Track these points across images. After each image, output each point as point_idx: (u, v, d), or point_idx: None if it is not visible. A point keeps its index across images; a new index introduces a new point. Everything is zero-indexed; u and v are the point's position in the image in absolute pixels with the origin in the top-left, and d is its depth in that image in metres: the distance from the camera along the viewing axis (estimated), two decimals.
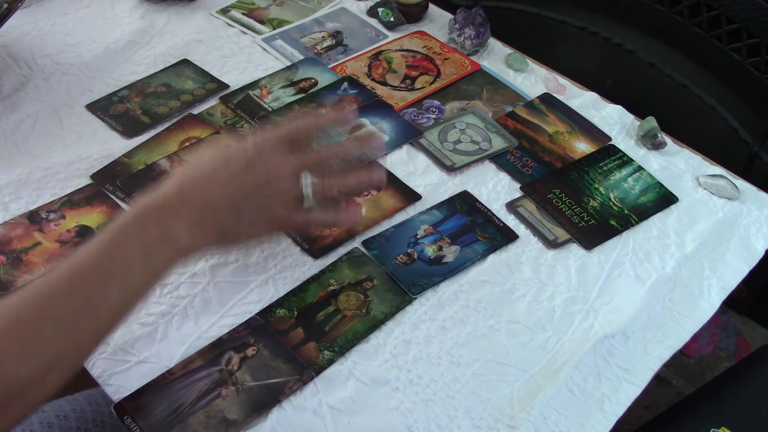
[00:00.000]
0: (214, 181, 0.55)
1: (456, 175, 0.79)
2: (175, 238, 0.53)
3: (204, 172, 0.56)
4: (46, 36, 0.91)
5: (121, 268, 0.50)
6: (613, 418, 0.60)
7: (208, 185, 0.55)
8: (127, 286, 0.51)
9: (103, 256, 0.50)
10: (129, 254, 0.51)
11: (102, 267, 0.50)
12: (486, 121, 0.84)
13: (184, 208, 0.54)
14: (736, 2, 0.99)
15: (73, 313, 0.48)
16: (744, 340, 1.41)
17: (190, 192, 0.54)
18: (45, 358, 0.47)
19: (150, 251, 0.52)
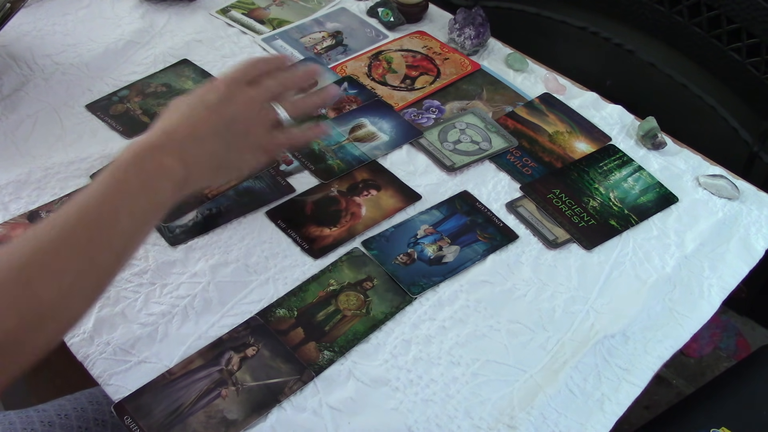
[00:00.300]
0: (195, 117, 0.59)
1: (456, 175, 0.79)
2: (170, 170, 0.56)
3: (183, 112, 0.60)
4: (46, 36, 0.91)
5: (126, 200, 0.53)
6: (613, 418, 0.60)
7: (189, 121, 0.59)
8: (135, 215, 0.53)
9: (108, 191, 0.53)
10: (132, 187, 0.54)
11: (109, 200, 0.53)
12: (486, 121, 0.84)
13: (171, 143, 0.57)
14: (736, 2, 0.99)
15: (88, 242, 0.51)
16: (744, 340, 1.41)
17: (174, 129, 0.58)
18: (67, 280, 0.49)
19: (150, 183, 0.55)
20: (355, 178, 0.77)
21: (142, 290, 0.65)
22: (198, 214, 0.71)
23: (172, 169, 0.56)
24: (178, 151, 0.57)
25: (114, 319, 0.62)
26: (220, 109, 0.60)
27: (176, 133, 0.58)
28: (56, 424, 0.70)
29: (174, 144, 0.57)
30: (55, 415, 0.71)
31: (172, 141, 0.57)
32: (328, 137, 0.80)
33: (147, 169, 0.55)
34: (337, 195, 0.75)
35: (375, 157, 0.79)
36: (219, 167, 0.61)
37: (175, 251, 0.68)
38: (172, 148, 0.57)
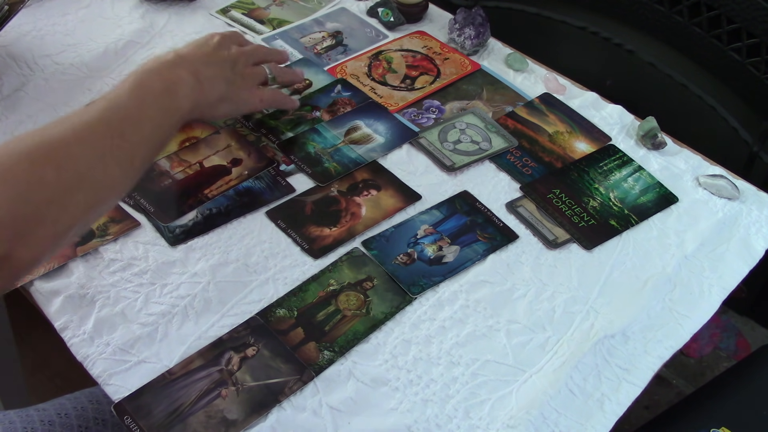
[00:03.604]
0: (202, 49, 0.70)
1: (456, 175, 0.79)
2: (185, 80, 0.64)
3: (191, 44, 0.70)
4: (46, 36, 0.91)
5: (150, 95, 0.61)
6: (613, 418, 0.60)
7: (198, 51, 0.69)
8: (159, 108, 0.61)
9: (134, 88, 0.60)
10: (155, 87, 0.62)
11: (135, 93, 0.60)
12: (486, 121, 0.84)
13: (184, 61, 0.66)
14: (736, 2, 0.99)
15: (120, 121, 0.57)
16: (744, 340, 1.41)
17: (186, 53, 0.67)
18: (101, 148, 0.55)
19: (170, 87, 0.63)
20: (355, 178, 0.77)
21: (142, 290, 0.65)
22: (198, 214, 0.71)
23: (187, 80, 0.64)
24: (191, 68, 0.66)
25: (114, 319, 0.62)
26: (221, 50, 0.71)
27: (188, 56, 0.67)
28: (56, 423, 0.70)
29: (186, 62, 0.66)
30: (55, 414, 0.71)
31: (185, 61, 0.66)
32: (324, 140, 0.80)
33: (166, 76, 0.63)
34: (337, 195, 0.75)
35: (371, 159, 0.79)
36: (223, 97, 0.69)
37: (175, 251, 0.68)
38: (186, 65, 0.66)
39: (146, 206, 0.71)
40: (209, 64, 0.68)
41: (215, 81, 0.68)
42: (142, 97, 0.60)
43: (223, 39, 0.73)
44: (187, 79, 0.64)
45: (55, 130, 0.54)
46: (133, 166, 0.58)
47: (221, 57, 0.70)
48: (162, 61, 0.65)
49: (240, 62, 0.73)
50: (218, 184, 0.74)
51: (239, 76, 0.72)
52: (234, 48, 0.73)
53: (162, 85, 0.62)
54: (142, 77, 0.62)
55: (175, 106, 0.63)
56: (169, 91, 0.62)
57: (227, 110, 0.72)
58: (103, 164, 0.55)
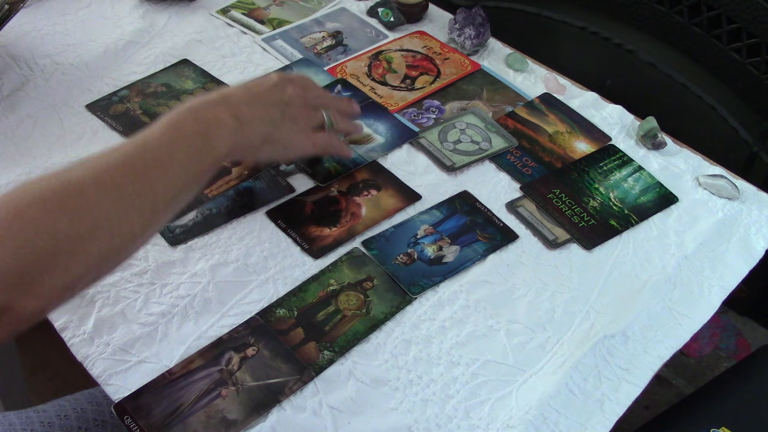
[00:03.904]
0: (251, 90, 0.65)
1: (456, 175, 0.79)
2: (224, 122, 0.59)
3: (239, 86, 0.66)
4: (46, 36, 0.91)
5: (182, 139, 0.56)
6: (613, 418, 0.60)
7: (245, 91, 0.64)
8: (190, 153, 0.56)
9: (165, 130, 0.56)
10: (188, 129, 0.57)
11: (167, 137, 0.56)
12: (486, 121, 0.84)
13: (227, 102, 0.61)
14: (736, 2, 0.99)
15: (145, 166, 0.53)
16: (744, 340, 1.41)
17: (231, 94, 0.63)
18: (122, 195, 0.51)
19: (205, 130, 0.58)
20: (355, 178, 0.77)
21: (142, 290, 0.65)
22: (198, 214, 0.71)
23: (225, 122, 0.60)
24: (233, 109, 0.61)
25: (114, 319, 0.62)
26: (274, 90, 0.67)
27: (233, 97, 0.63)
28: (56, 424, 0.70)
29: (229, 104, 0.61)
30: (54, 415, 0.71)
31: (227, 101, 0.62)
32: None
33: (202, 117, 0.59)
34: (337, 195, 0.75)
35: (371, 159, 0.78)
36: (267, 139, 0.64)
37: (175, 251, 0.68)
38: (227, 106, 0.61)
39: None
40: (254, 105, 0.63)
41: (259, 123, 0.63)
42: (173, 139, 0.56)
43: (280, 79, 0.68)
44: (225, 121, 0.59)
45: (75, 173, 0.51)
46: (155, 214, 0.54)
47: (272, 98, 0.66)
48: (202, 100, 0.60)
49: (294, 104, 0.68)
50: (218, 184, 0.74)
51: (289, 119, 0.67)
52: (290, 89, 0.68)
53: (196, 126, 0.57)
54: (176, 117, 0.57)
55: (208, 150, 0.58)
56: (203, 133, 0.58)
57: (273, 153, 0.67)
58: (122, 212, 0.51)
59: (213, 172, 0.59)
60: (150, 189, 0.53)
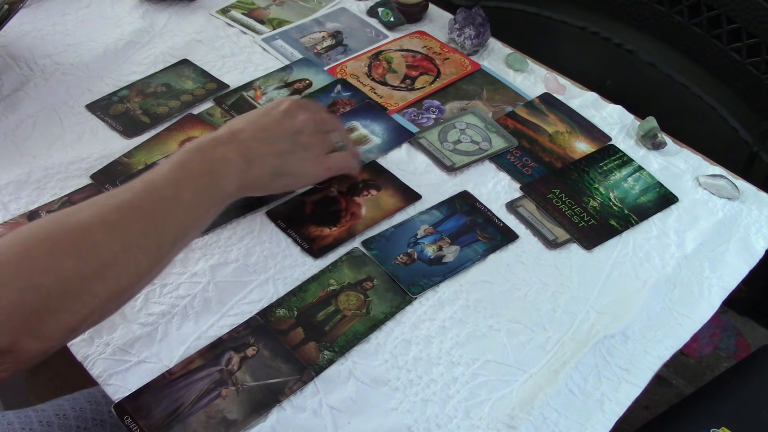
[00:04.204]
0: (260, 122, 0.65)
1: (456, 175, 0.79)
2: (232, 161, 0.60)
3: (249, 117, 0.65)
4: (46, 36, 0.91)
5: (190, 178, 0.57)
6: (613, 418, 0.60)
7: (254, 125, 0.64)
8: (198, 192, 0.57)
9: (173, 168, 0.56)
10: (196, 168, 0.57)
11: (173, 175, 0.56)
12: (486, 121, 0.84)
13: (235, 140, 0.61)
14: (736, 2, 0.99)
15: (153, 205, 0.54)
16: (744, 340, 1.41)
17: (239, 129, 0.63)
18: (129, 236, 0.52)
19: (213, 168, 0.58)
20: (355, 178, 0.77)
21: None
22: None
23: (233, 161, 0.60)
24: (241, 147, 0.61)
25: (114, 319, 0.62)
26: (284, 120, 0.66)
27: (241, 133, 0.63)
28: (55, 424, 0.70)
29: (237, 141, 0.61)
30: (53, 415, 0.71)
31: (235, 138, 0.62)
32: None
33: (210, 156, 0.59)
34: (337, 195, 0.75)
35: (368, 161, 0.78)
36: (277, 172, 0.64)
37: None
38: (236, 144, 0.61)
39: None
40: (263, 140, 0.63)
41: (267, 158, 0.63)
42: (180, 178, 0.56)
43: (291, 106, 0.68)
44: (233, 159, 0.60)
45: (83, 214, 0.51)
46: (161, 253, 0.54)
47: (281, 130, 0.66)
48: (210, 138, 0.61)
49: (305, 131, 0.67)
50: None
51: (301, 147, 0.66)
52: (301, 115, 0.68)
53: (203, 166, 0.58)
54: (184, 156, 0.58)
55: (216, 189, 0.58)
56: (210, 173, 0.58)
57: (285, 184, 0.67)
58: (128, 253, 0.51)
59: (220, 210, 0.60)
60: (156, 229, 0.53)
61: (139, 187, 0.55)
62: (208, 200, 0.58)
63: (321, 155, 0.69)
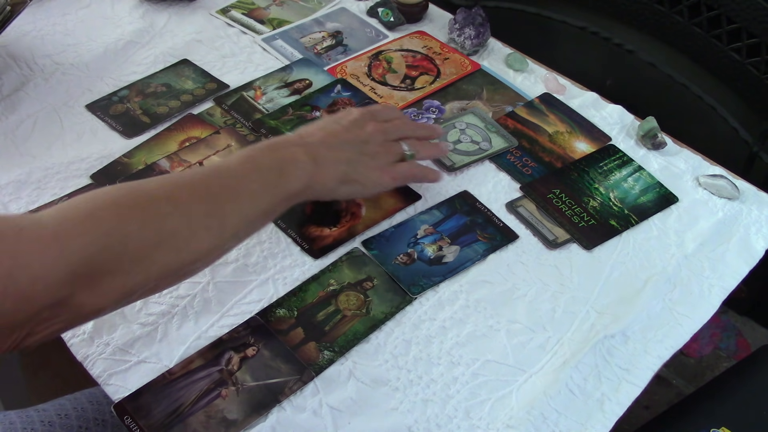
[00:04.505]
0: (330, 129, 0.67)
1: (456, 175, 0.79)
2: (300, 161, 0.61)
3: (319, 124, 0.67)
4: (46, 36, 0.91)
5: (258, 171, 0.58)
6: (613, 418, 0.60)
7: (324, 131, 0.66)
8: (264, 185, 0.58)
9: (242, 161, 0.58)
10: (265, 163, 0.59)
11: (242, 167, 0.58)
12: (486, 121, 0.84)
13: (305, 143, 0.63)
14: (736, 2, 0.99)
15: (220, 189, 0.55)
16: (744, 340, 1.41)
17: (309, 134, 0.65)
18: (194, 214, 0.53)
19: (281, 166, 0.59)
20: None
21: None
22: None
23: (302, 161, 0.61)
24: (310, 149, 0.62)
25: (114, 319, 0.62)
26: (353, 128, 0.68)
27: (311, 137, 0.65)
28: (56, 423, 0.70)
29: (307, 144, 0.63)
30: (55, 414, 0.71)
31: (305, 141, 0.63)
32: None
33: (280, 155, 0.60)
34: None
35: None
36: (344, 179, 0.65)
37: None
38: (305, 146, 0.62)
39: None
40: (332, 146, 0.65)
41: (335, 163, 0.64)
42: (248, 170, 0.58)
43: (361, 116, 0.69)
44: (302, 159, 0.61)
45: (151, 184, 0.53)
46: (221, 238, 0.54)
47: (350, 137, 0.67)
48: (281, 139, 0.63)
49: (373, 141, 0.68)
50: None
51: (368, 156, 0.67)
52: (371, 125, 0.69)
53: (272, 161, 0.59)
54: (254, 151, 0.60)
55: (282, 185, 0.59)
56: (278, 169, 0.59)
57: (351, 191, 0.67)
58: (190, 228, 0.52)
59: (283, 209, 0.61)
60: (221, 212, 0.54)
61: (208, 171, 0.57)
62: (274, 195, 0.59)
63: (388, 164, 0.69)
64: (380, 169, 0.68)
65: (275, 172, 0.59)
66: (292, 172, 0.60)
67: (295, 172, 0.60)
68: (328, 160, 0.63)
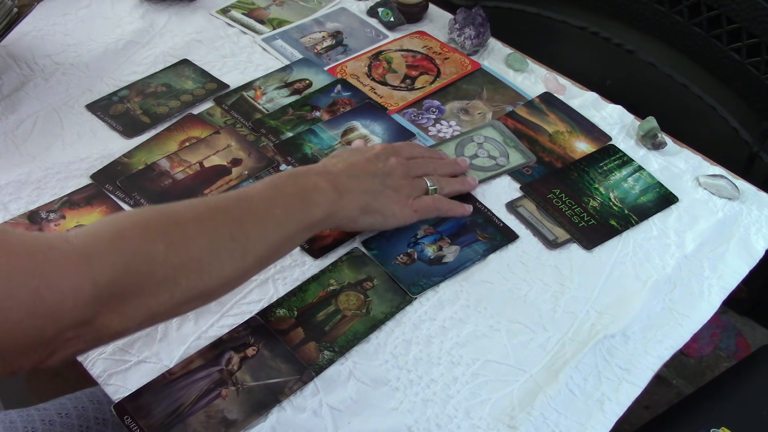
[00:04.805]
0: (353, 160, 0.68)
1: None
2: (323, 190, 0.62)
3: (343, 155, 0.68)
4: (46, 36, 0.91)
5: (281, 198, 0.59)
6: (613, 418, 0.60)
7: (347, 162, 0.67)
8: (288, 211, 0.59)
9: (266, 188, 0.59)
10: (288, 191, 0.60)
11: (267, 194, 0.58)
12: (505, 135, 0.83)
13: (328, 172, 0.64)
14: (736, 2, 0.99)
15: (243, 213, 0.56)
16: (744, 340, 1.41)
17: (332, 164, 0.66)
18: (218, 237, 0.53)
19: (304, 194, 0.60)
20: None
21: None
22: None
23: (325, 189, 0.62)
24: (332, 178, 0.63)
25: None
26: (375, 161, 0.69)
27: (334, 167, 0.65)
28: (57, 423, 0.70)
29: (329, 173, 0.64)
30: (55, 413, 0.71)
31: (328, 171, 0.64)
32: (320, 141, 0.80)
33: (303, 183, 0.61)
34: None
35: None
36: (366, 210, 0.65)
37: None
38: (327, 175, 0.63)
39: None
40: (354, 176, 0.65)
41: (357, 193, 0.64)
42: (272, 196, 0.58)
43: (384, 149, 0.70)
44: (324, 188, 0.62)
45: (178, 207, 0.53)
46: (244, 262, 0.55)
47: (372, 169, 0.68)
48: (304, 168, 0.63)
49: (395, 174, 0.69)
50: (218, 184, 0.74)
51: (390, 189, 0.68)
52: (393, 159, 0.70)
53: (295, 189, 0.60)
54: (278, 179, 0.60)
55: (306, 212, 0.60)
56: (301, 197, 0.60)
57: (372, 223, 0.67)
58: (214, 253, 0.52)
59: (306, 237, 0.62)
60: (245, 236, 0.55)
61: (233, 196, 0.57)
62: (298, 222, 0.59)
63: (410, 198, 0.69)
64: (401, 202, 0.68)
65: (298, 199, 0.60)
66: (315, 200, 0.61)
67: (318, 200, 0.61)
68: (350, 190, 0.64)
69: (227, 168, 0.76)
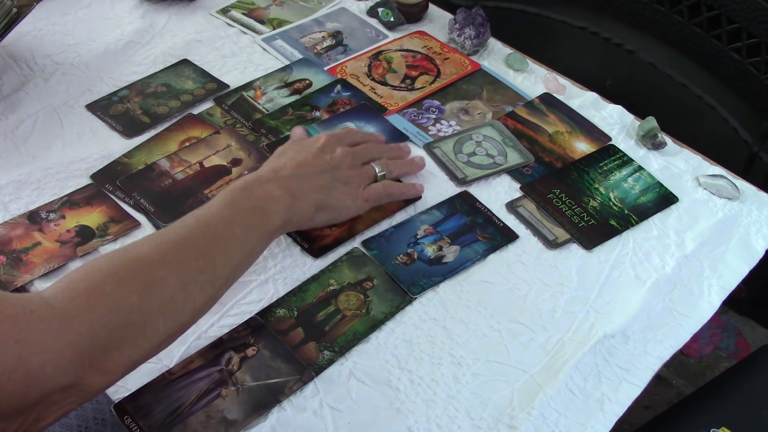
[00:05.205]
0: (300, 158, 0.67)
1: None
2: (277, 197, 0.62)
3: (289, 154, 0.68)
4: (46, 36, 0.91)
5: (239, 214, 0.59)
6: (613, 418, 0.60)
7: (295, 161, 0.66)
8: (247, 227, 0.59)
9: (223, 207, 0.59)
10: (244, 206, 0.60)
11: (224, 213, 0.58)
12: (504, 135, 0.83)
13: (279, 177, 0.64)
14: (736, 2, 0.99)
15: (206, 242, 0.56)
16: (744, 340, 1.41)
17: (281, 167, 0.65)
18: (187, 272, 0.53)
19: (261, 205, 0.60)
20: None
21: None
22: None
23: (279, 197, 0.62)
24: (284, 183, 0.63)
25: None
26: (323, 155, 0.68)
27: (283, 170, 0.65)
28: (56, 422, 0.70)
29: (280, 178, 0.64)
30: None
31: (279, 176, 0.64)
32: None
33: (257, 194, 0.61)
34: None
35: None
36: (320, 207, 0.65)
37: None
38: (279, 181, 0.63)
39: (146, 206, 0.71)
40: (305, 177, 0.65)
41: (310, 193, 0.65)
42: (231, 216, 0.58)
43: (328, 140, 0.70)
44: (279, 195, 0.62)
45: (143, 248, 0.53)
46: (214, 289, 0.55)
47: (320, 165, 0.67)
48: (254, 177, 0.63)
49: (343, 165, 0.69)
50: (218, 184, 0.74)
51: (341, 182, 0.68)
52: (339, 149, 0.69)
53: (251, 203, 0.60)
54: (232, 195, 0.60)
55: (264, 224, 0.60)
56: (259, 209, 0.60)
57: (327, 218, 0.68)
58: (186, 290, 0.53)
59: (265, 246, 0.62)
60: (212, 265, 0.55)
61: (192, 224, 0.57)
62: (258, 236, 0.60)
63: (359, 188, 0.69)
64: (354, 194, 0.68)
65: (255, 213, 0.60)
66: (271, 210, 0.61)
67: (274, 209, 0.61)
68: (303, 191, 0.64)
69: (227, 168, 0.76)
